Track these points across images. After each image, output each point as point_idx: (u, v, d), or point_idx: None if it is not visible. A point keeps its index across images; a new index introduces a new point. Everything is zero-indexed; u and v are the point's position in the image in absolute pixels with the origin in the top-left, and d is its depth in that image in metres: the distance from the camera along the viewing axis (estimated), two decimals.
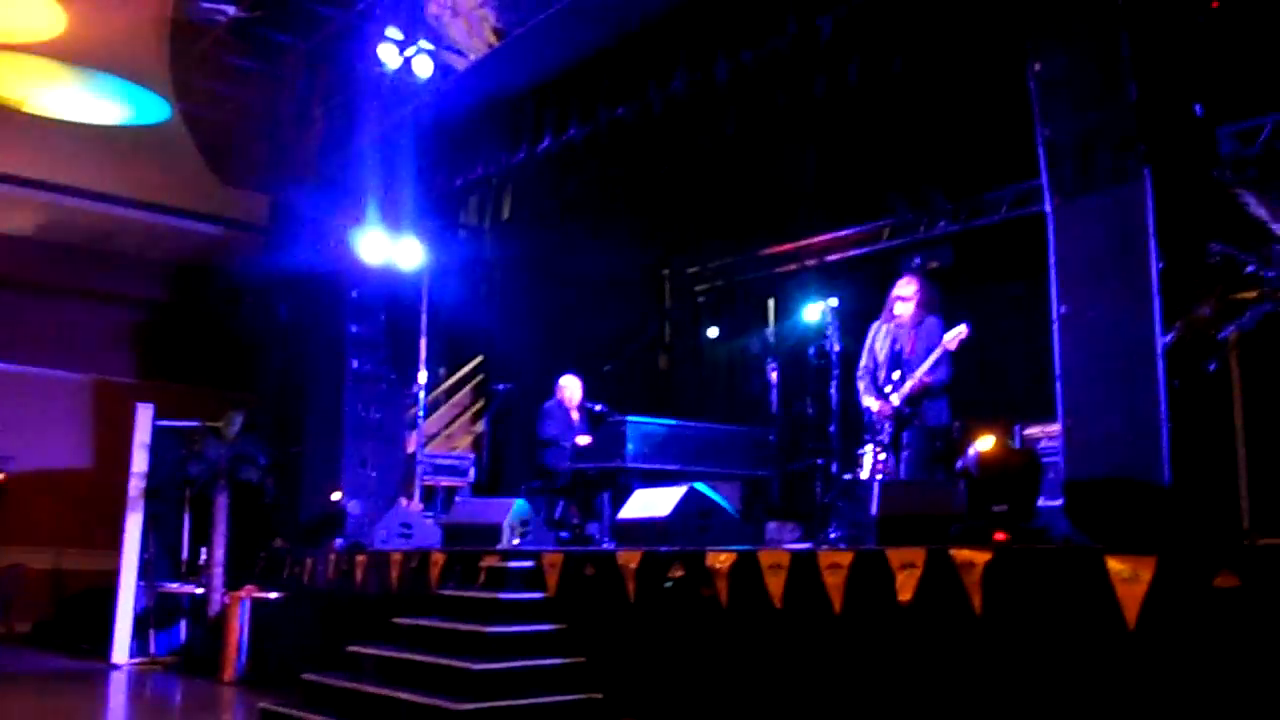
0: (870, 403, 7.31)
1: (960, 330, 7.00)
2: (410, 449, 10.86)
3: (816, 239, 11.54)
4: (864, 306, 9.02)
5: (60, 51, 10.09)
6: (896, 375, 7.18)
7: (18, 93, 10.83)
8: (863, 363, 7.47)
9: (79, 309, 13.57)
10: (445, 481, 10.84)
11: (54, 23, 9.51)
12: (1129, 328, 5.24)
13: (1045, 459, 6.67)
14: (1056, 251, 5.65)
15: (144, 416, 11.14)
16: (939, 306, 7.40)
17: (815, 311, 8.15)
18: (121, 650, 10.78)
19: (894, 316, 7.39)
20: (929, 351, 7.08)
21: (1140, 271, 5.17)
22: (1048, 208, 5.73)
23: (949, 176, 10.09)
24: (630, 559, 6.54)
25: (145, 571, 11.02)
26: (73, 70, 10.46)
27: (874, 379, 7.35)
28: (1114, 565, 4.36)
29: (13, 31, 9.77)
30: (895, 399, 7.14)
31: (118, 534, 10.99)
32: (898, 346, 7.28)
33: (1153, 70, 5.31)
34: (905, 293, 7.37)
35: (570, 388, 9.60)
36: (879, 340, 7.40)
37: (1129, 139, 5.26)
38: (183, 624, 10.98)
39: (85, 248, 13.32)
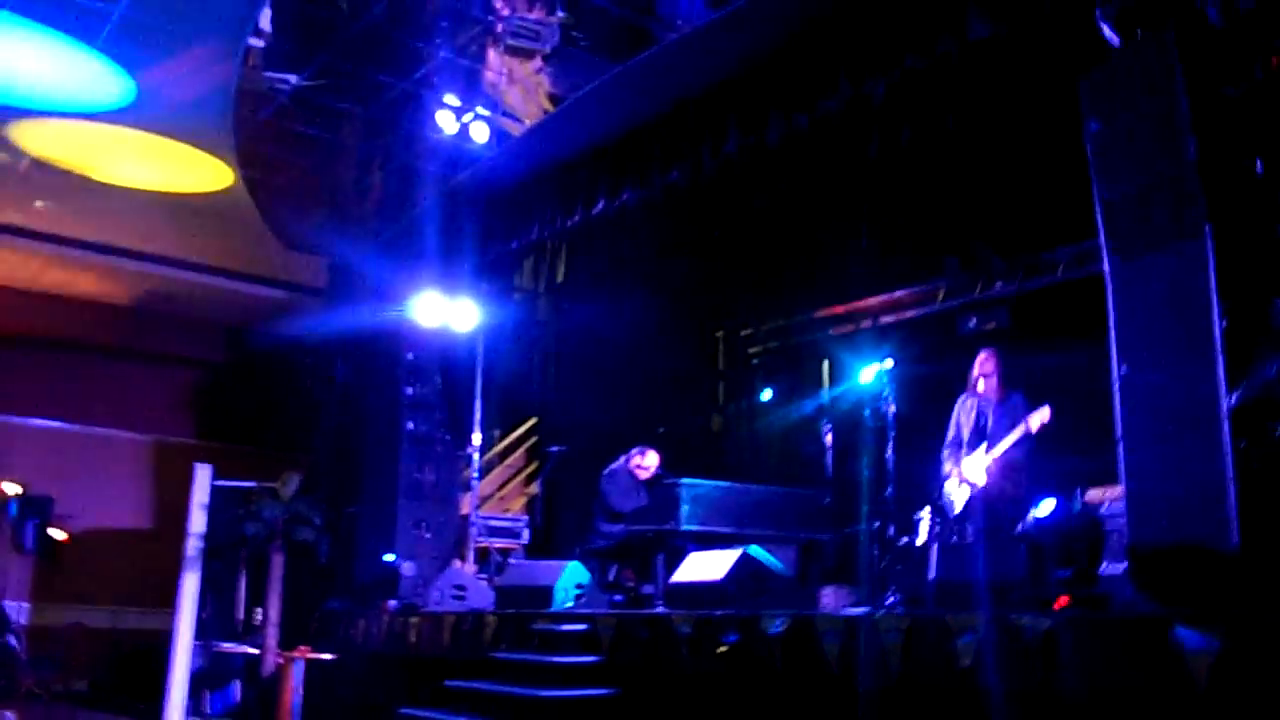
0: (952, 471, 7.47)
1: (1044, 413, 7.17)
2: (464, 510, 10.87)
3: (871, 300, 11.49)
4: (920, 368, 8.97)
5: (130, 120, 10.36)
6: (982, 449, 7.28)
7: (88, 161, 11.12)
8: (949, 436, 7.70)
9: (141, 370, 13.82)
10: (499, 543, 10.82)
11: (125, 92, 9.78)
12: (1192, 389, 5.13)
13: (1107, 523, 6.54)
14: (1116, 311, 5.57)
15: (203, 477, 11.23)
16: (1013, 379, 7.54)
17: (870, 373, 8.07)
18: (175, 711, 10.77)
19: (977, 392, 7.59)
20: (1012, 427, 7.18)
21: (1202, 331, 5.08)
22: (1106, 267, 5.67)
23: (1005, 237, 10.02)
24: (684, 623, 6.47)
25: (201, 631, 11.06)
26: (141, 138, 10.73)
27: (957, 451, 7.53)
28: (1182, 633, 4.25)
29: (85, 102, 10.06)
30: (973, 471, 7.32)
31: (174, 593, 11.06)
32: (983, 421, 7.47)
33: (1212, 127, 5.26)
34: (985, 367, 7.60)
35: (650, 458, 9.38)
36: (965, 414, 7.59)
37: (1189, 196, 5.19)
38: (236, 684, 10.98)
39: (148, 310, 13.59)
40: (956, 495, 7.44)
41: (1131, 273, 5.49)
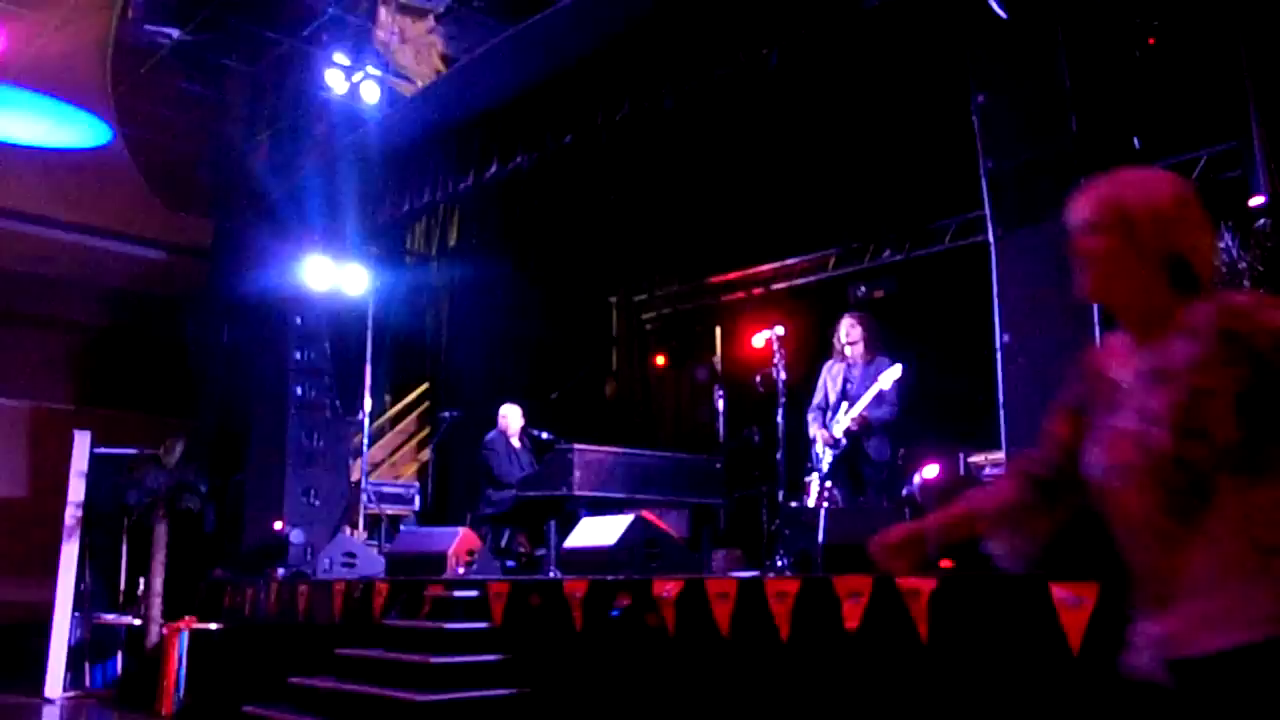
0: (817, 434, 7.55)
1: (895, 370, 7.42)
2: (354, 477, 10.75)
3: (763, 267, 11.62)
4: (810, 335, 9.10)
5: (1, 74, 9.94)
6: (843, 410, 7.47)
7: None
8: (815, 400, 7.86)
9: (15, 335, 13.31)
10: (390, 510, 10.72)
11: None
12: (1071, 357, 5.29)
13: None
14: (998, 281, 5.72)
15: (81, 444, 10.92)
16: (884, 341, 7.70)
17: (761, 340, 8.17)
18: (55, 683, 10.51)
19: (844, 357, 7.76)
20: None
21: (1081, 302, 5.24)
22: (990, 238, 5.81)
23: (894, 206, 10.21)
24: (576, 588, 6.50)
25: (81, 602, 10.78)
26: (11, 91, 10.29)
27: (823, 415, 7.72)
28: (1058, 592, 4.40)
29: None
30: (837, 430, 7.48)
31: (53, 564, 10.75)
32: (849, 385, 7.64)
33: (1093, 103, 5.41)
34: (852, 335, 7.77)
35: (510, 416, 9.60)
36: (830, 379, 7.76)
37: (1070, 170, 5.34)
38: (119, 656, 10.74)
39: (23, 272, 13.08)
40: (825, 458, 7.65)
41: (1014, 244, 5.64)
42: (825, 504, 7.28)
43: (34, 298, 13.29)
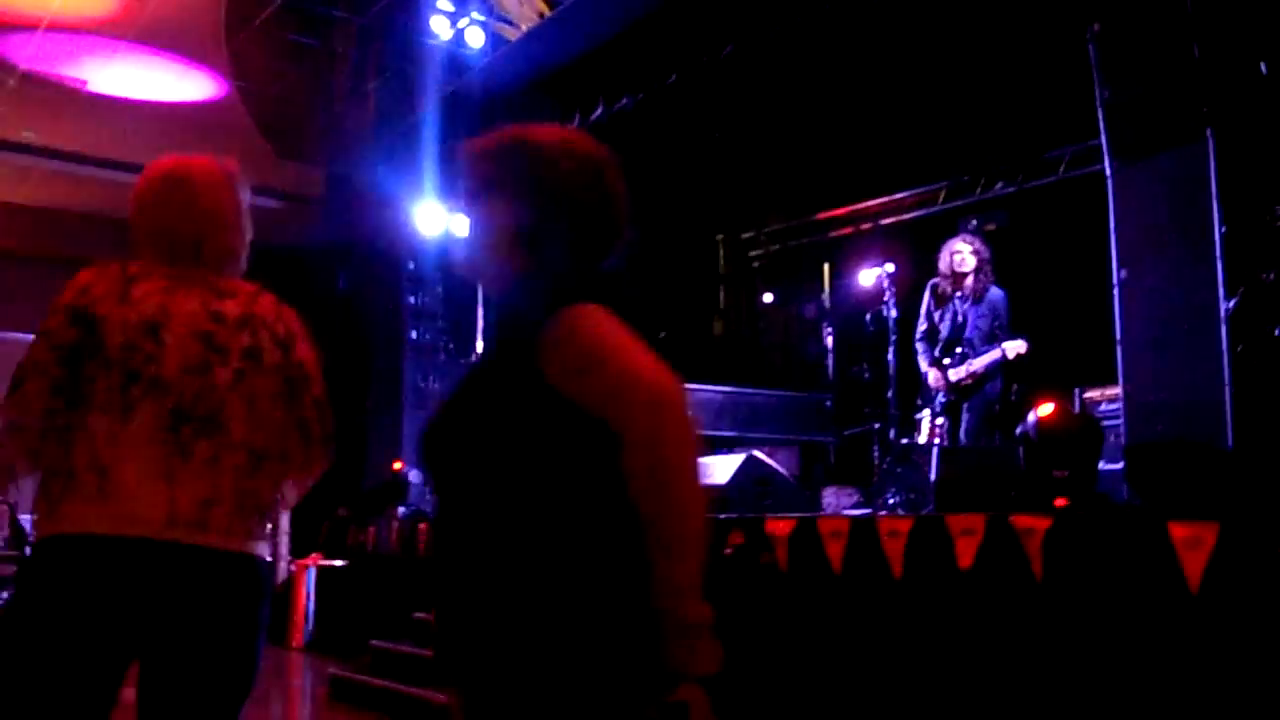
0: (927, 370, 7.35)
1: (1020, 345, 6.98)
2: None
3: (872, 202, 11.46)
4: (920, 270, 8.98)
5: (117, 30, 10.23)
6: (957, 351, 7.20)
7: (80, 74, 11.00)
8: (922, 327, 7.45)
9: None
10: None
11: (108, 1, 9.67)
12: (1190, 292, 5.18)
13: (1105, 423, 6.63)
14: (1116, 214, 5.59)
15: None
16: (996, 270, 7.41)
17: (871, 276, 8.10)
18: None
19: (954, 286, 7.33)
20: (990, 329, 7.10)
21: (1202, 235, 5.11)
22: (1107, 170, 5.67)
23: (1005, 137, 9.96)
24: None
25: None
26: (130, 48, 10.60)
27: (930, 348, 7.36)
28: (1177, 531, 4.35)
29: (69, 11, 9.93)
30: (954, 375, 7.17)
31: None
32: (960, 320, 7.24)
33: (1216, 28, 5.22)
34: (969, 261, 7.27)
35: None
36: (939, 309, 7.38)
37: (1191, 98, 5.18)
38: None
39: None
40: (937, 395, 7.42)
41: (1131, 176, 5.50)
42: (938, 441, 7.21)
43: None
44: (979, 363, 7.06)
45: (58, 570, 2.32)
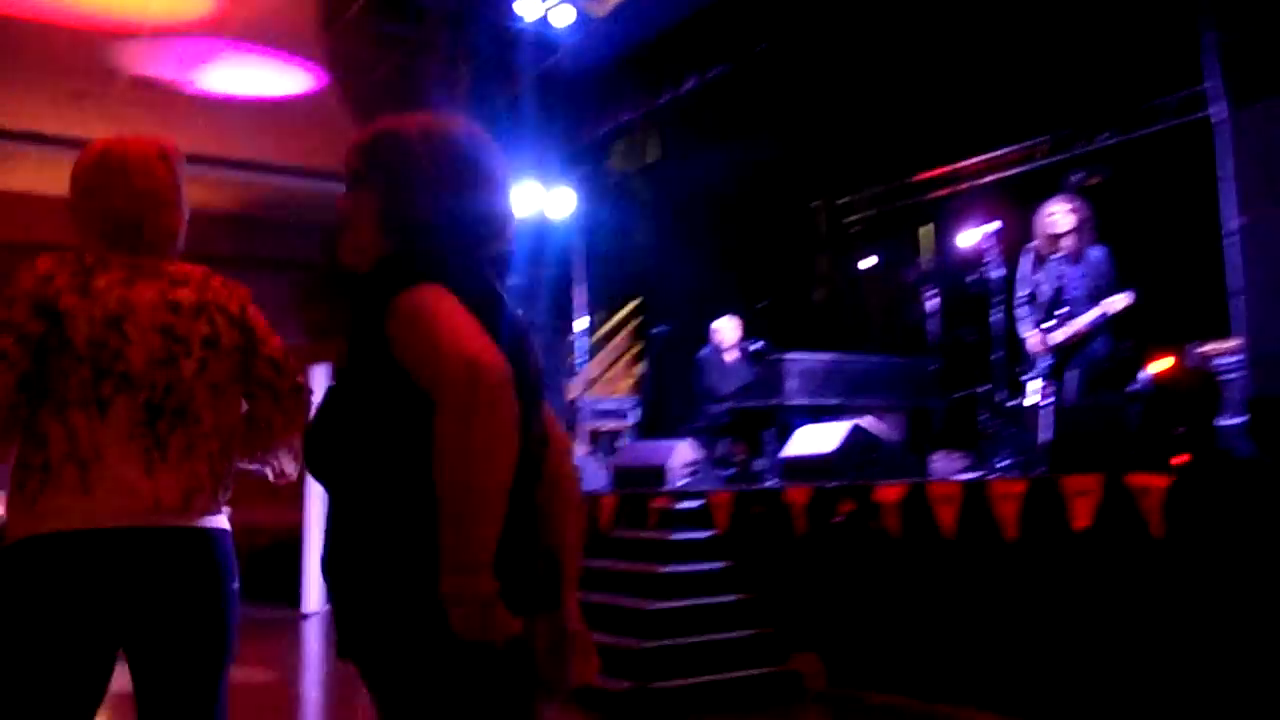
0: (1029, 335, 7.10)
1: (1121, 300, 6.65)
2: (571, 395, 11.07)
3: (970, 161, 11.23)
4: (1024, 229, 8.78)
5: (216, 30, 10.48)
6: (1058, 313, 6.90)
7: (183, 74, 11.29)
8: (1022, 293, 7.16)
9: (253, 277, 14.14)
10: (608, 425, 11.02)
11: (202, 2, 9.91)
12: None
13: (1221, 377, 6.41)
14: (1233, 159, 5.40)
15: (321, 379, 11.63)
16: (1097, 228, 7.10)
17: (974, 236, 7.93)
18: (312, 599, 11.36)
19: (1051, 248, 7.02)
20: (1092, 287, 6.79)
21: None
22: (1219, 114, 5.48)
23: (1107, 86, 9.66)
24: (798, 495, 6.58)
25: None
26: (229, 47, 10.85)
27: (1033, 312, 7.11)
28: None
29: (170, 15, 10.19)
30: (1056, 337, 6.89)
31: (298, 489, 11.52)
32: (1060, 281, 6.91)
33: None
34: (1064, 222, 6.93)
35: (725, 330, 9.62)
36: (1039, 272, 7.08)
37: None
38: None
39: (257, 217, 13.89)
40: (1043, 357, 7.12)
41: (1248, 119, 5.31)
42: (1048, 402, 7.03)
43: (263, 241, 14.12)
44: (1080, 321, 6.79)
45: (42, 570, 2.33)
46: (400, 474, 1.85)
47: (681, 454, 8.21)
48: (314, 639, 10.38)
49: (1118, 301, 6.63)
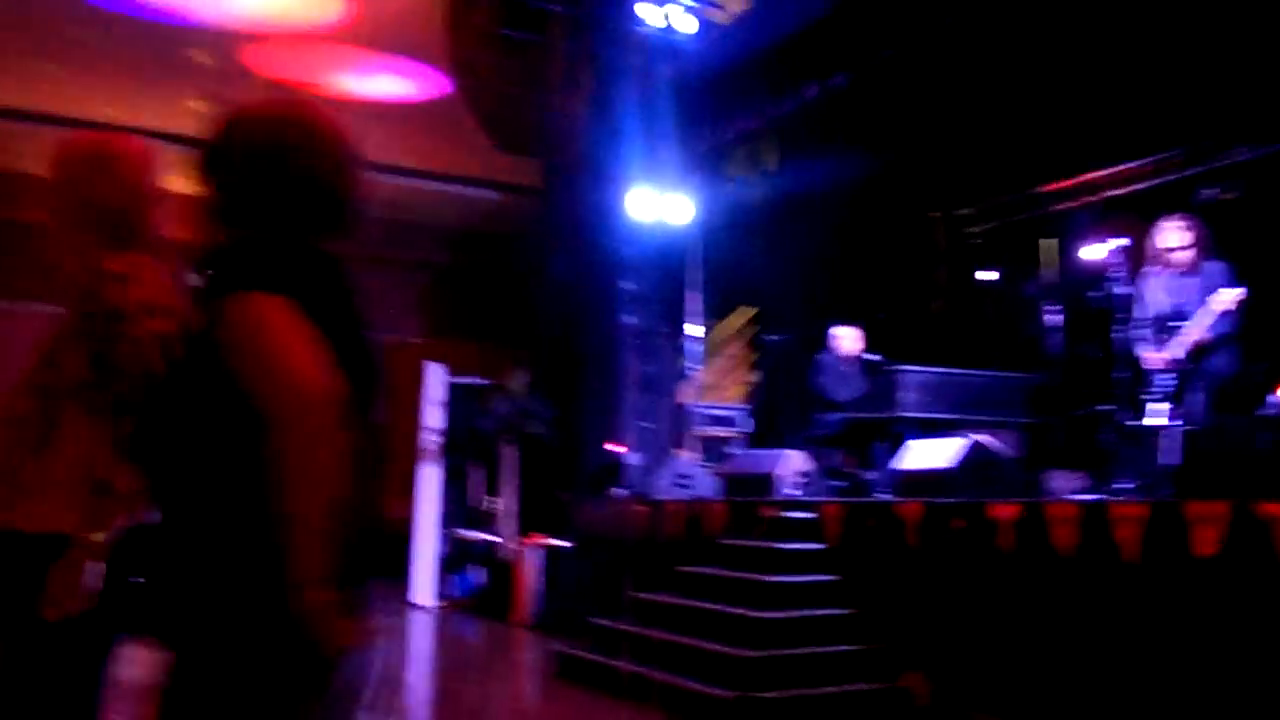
0: (1147, 353, 6.97)
1: (1236, 293, 6.53)
2: (682, 401, 11.10)
3: (1096, 174, 10.96)
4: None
5: (345, 35, 10.79)
6: (1171, 325, 6.77)
7: (311, 79, 11.64)
8: (1140, 314, 7.08)
9: (375, 276, 14.50)
10: (718, 432, 11.02)
11: (332, 7, 10.20)
12: None
13: None
14: None
15: (437, 375, 11.87)
16: (1214, 247, 6.94)
17: (1096, 251, 7.76)
18: (423, 592, 11.59)
19: (1170, 265, 6.94)
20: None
21: None
22: None
23: (1234, 101, 9.34)
24: (911, 510, 6.51)
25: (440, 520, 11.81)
26: (358, 52, 11.15)
27: (1154, 333, 6.98)
28: None
29: (303, 20, 10.52)
30: (1171, 352, 6.78)
31: (408, 483, 11.78)
32: (1176, 297, 6.83)
33: None
34: (1180, 241, 6.88)
35: (844, 338, 9.56)
36: (1157, 293, 6.99)
37: None
38: (469, 568, 11.68)
39: (379, 218, 14.19)
40: (1165, 377, 6.97)
41: None
42: (1173, 423, 6.85)
43: (388, 241, 14.44)
44: (1194, 326, 6.66)
45: None
46: (224, 488, 1.87)
47: (792, 463, 8.18)
48: (429, 629, 10.58)
49: (1223, 299, 6.48)
